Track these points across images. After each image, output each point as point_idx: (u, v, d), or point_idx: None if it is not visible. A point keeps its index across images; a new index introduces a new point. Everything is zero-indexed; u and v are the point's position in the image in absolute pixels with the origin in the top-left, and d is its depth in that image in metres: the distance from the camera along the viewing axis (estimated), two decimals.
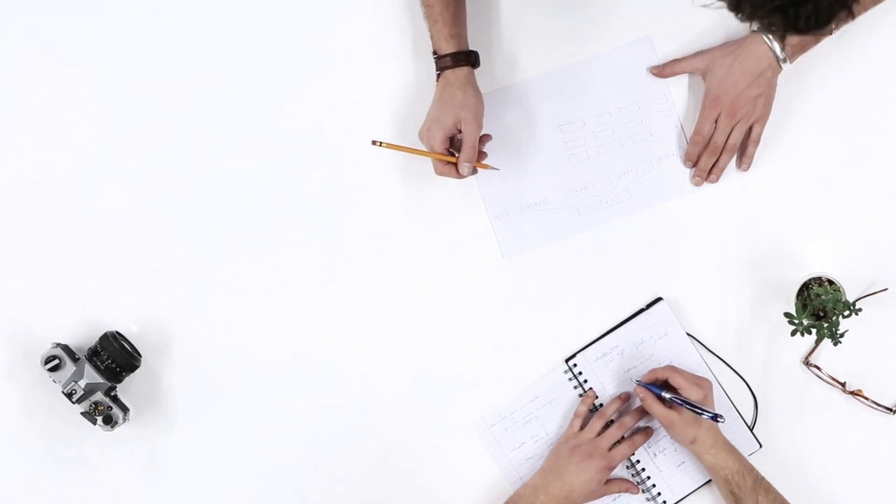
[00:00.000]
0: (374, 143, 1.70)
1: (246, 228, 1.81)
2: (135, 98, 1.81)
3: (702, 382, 1.72)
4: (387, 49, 1.81)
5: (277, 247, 1.81)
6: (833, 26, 1.30)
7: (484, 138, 1.74)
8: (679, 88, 1.81)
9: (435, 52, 1.72)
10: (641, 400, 1.75)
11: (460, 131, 1.70)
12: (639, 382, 1.76)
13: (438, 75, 1.72)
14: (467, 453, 1.80)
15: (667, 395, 1.72)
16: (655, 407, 1.73)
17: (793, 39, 1.71)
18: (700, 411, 1.69)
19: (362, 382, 1.81)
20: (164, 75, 1.81)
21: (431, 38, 1.72)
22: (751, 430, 1.79)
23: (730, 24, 1.77)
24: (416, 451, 1.80)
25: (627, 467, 1.79)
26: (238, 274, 1.81)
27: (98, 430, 1.74)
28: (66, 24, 1.82)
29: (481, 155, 1.73)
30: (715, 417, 1.68)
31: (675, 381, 1.72)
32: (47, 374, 1.73)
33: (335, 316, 1.81)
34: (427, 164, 1.77)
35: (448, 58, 1.71)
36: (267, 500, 1.81)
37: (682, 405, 1.70)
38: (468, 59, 1.72)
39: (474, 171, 1.72)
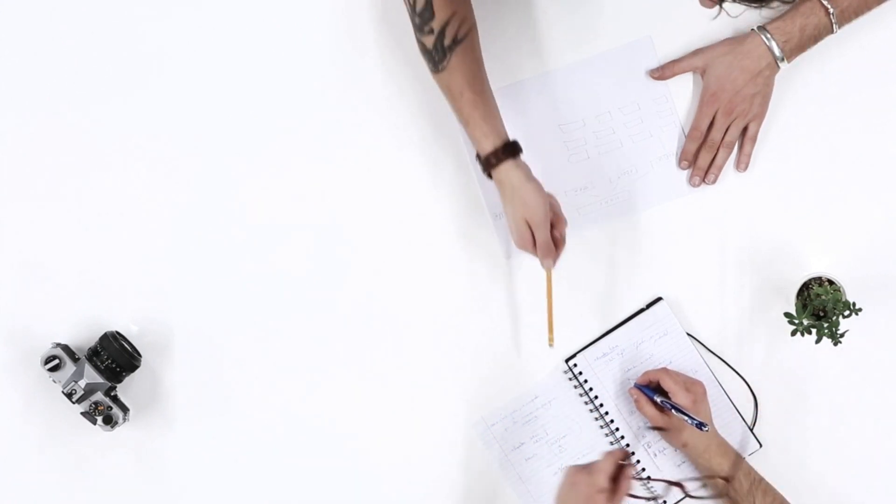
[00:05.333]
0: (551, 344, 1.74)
1: (247, 229, 1.81)
2: (133, 98, 1.81)
3: (693, 387, 1.73)
4: (383, 62, 1.81)
5: (277, 247, 1.81)
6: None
7: (559, 224, 1.71)
8: (679, 88, 1.81)
9: (477, 155, 1.67)
10: (634, 402, 1.76)
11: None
12: (635, 384, 1.77)
13: (488, 175, 1.67)
14: (467, 453, 1.80)
15: (658, 399, 1.73)
16: (647, 410, 1.74)
17: (791, 41, 1.72)
18: (686, 417, 1.69)
19: (362, 383, 1.81)
20: (161, 76, 1.81)
21: (468, 138, 1.67)
22: (751, 430, 1.79)
23: (730, 24, 1.77)
24: (415, 452, 1.80)
25: None
26: (238, 274, 1.81)
27: (98, 430, 1.74)
28: (62, 25, 1.82)
29: (559, 243, 1.70)
30: (699, 426, 1.68)
31: (666, 384, 1.72)
32: (47, 374, 1.73)
33: (334, 315, 1.81)
34: (427, 168, 1.80)
35: (490, 157, 1.65)
36: (266, 499, 1.81)
37: (671, 410, 1.71)
38: (511, 150, 1.65)
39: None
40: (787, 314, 1.68)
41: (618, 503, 1.56)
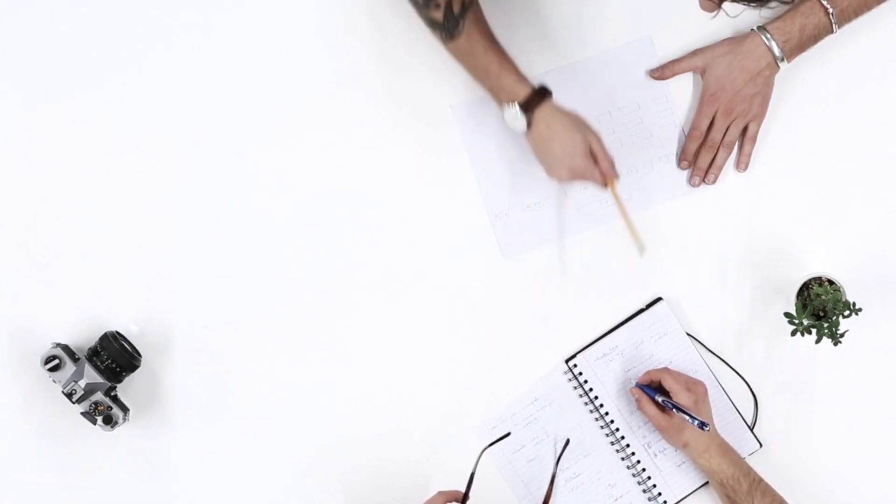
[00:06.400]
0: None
1: (246, 229, 1.81)
2: (133, 98, 1.81)
3: (694, 387, 1.73)
4: (380, 63, 1.82)
5: (277, 246, 1.81)
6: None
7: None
8: (679, 88, 1.81)
9: (511, 102, 1.67)
10: (636, 402, 1.76)
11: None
12: (636, 384, 1.76)
13: (529, 120, 1.68)
14: (468, 457, 1.79)
15: (659, 399, 1.72)
16: (648, 409, 1.74)
17: (790, 41, 1.72)
18: (688, 417, 1.69)
19: (361, 384, 1.81)
20: (161, 77, 1.81)
21: (499, 93, 1.68)
22: (751, 430, 1.79)
23: (730, 24, 1.77)
24: (416, 454, 1.80)
25: (628, 467, 1.79)
26: (238, 274, 1.81)
27: (98, 430, 1.74)
28: (60, 32, 1.82)
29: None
30: (701, 425, 1.68)
31: (668, 384, 1.72)
32: (47, 374, 1.73)
33: (334, 316, 1.81)
34: (427, 168, 1.80)
35: (531, 99, 1.67)
36: (266, 499, 1.81)
37: (672, 409, 1.70)
38: (545, 91, 1.68)
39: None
40: (787, 314, 1.68)
41: None
